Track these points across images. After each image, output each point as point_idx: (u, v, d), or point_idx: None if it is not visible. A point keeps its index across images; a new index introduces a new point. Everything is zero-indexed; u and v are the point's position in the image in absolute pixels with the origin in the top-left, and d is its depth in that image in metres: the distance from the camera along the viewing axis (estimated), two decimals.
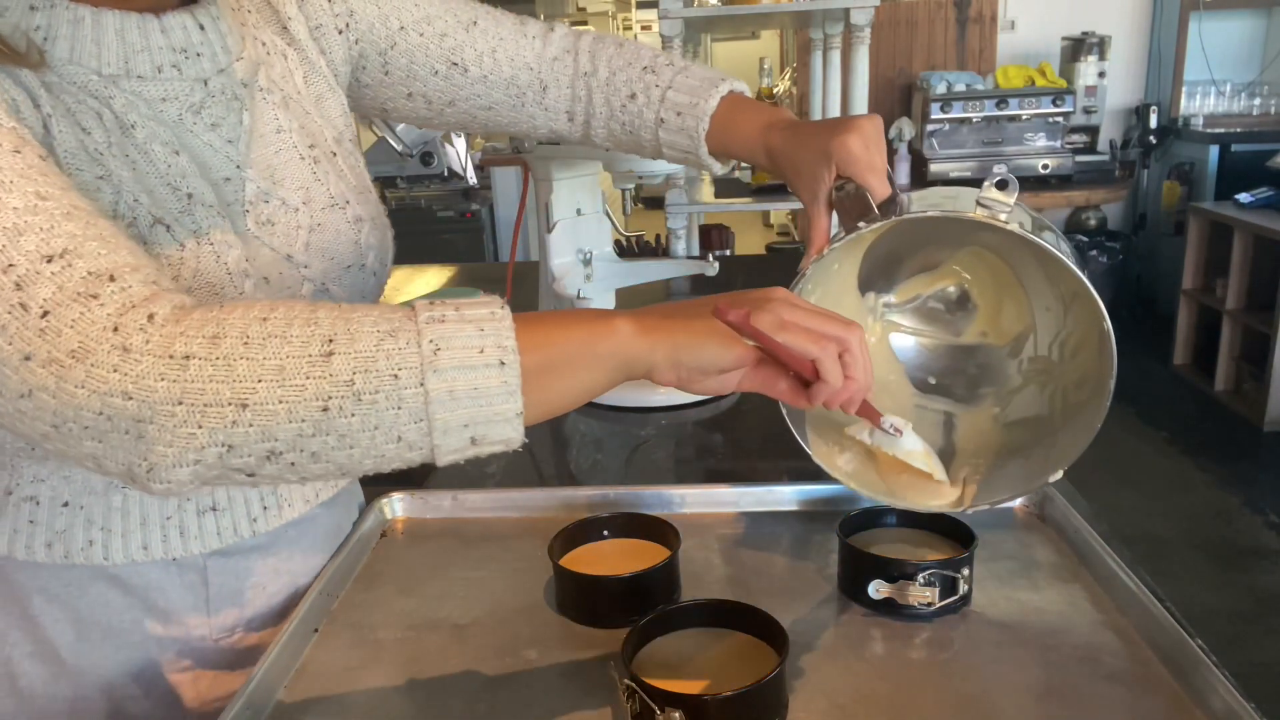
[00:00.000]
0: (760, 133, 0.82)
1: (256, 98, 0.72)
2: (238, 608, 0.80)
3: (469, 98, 0.89)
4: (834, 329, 0.61)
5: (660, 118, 0.86)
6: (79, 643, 0.75)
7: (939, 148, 4.56)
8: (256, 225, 0.69)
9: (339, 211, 0.76)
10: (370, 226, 0.79)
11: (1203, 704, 0.63)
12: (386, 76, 0.86)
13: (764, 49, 6.77)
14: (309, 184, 0.74)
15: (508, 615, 0.79)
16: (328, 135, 0.78)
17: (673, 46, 2.49)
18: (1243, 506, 3.17)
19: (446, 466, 0.56)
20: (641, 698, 0.61)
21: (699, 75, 0.86)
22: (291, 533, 0.83)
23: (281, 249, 0.71)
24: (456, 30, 0.86)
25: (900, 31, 4.94)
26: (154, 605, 0.76)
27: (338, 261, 0.75)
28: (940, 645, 0.72)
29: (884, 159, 0.76)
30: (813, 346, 0.60)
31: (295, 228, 0.72)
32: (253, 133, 0.70)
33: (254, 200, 0.70)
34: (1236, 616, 2.58)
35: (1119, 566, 0.77)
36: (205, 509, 0.75)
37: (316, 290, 0.73)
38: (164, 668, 0.78)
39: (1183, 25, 4.67)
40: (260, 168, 0.70)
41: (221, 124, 0.68)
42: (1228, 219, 3.87)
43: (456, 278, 2.33)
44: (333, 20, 0.80)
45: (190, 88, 0.66)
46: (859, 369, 0.62)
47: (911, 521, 0.84)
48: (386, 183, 4.09)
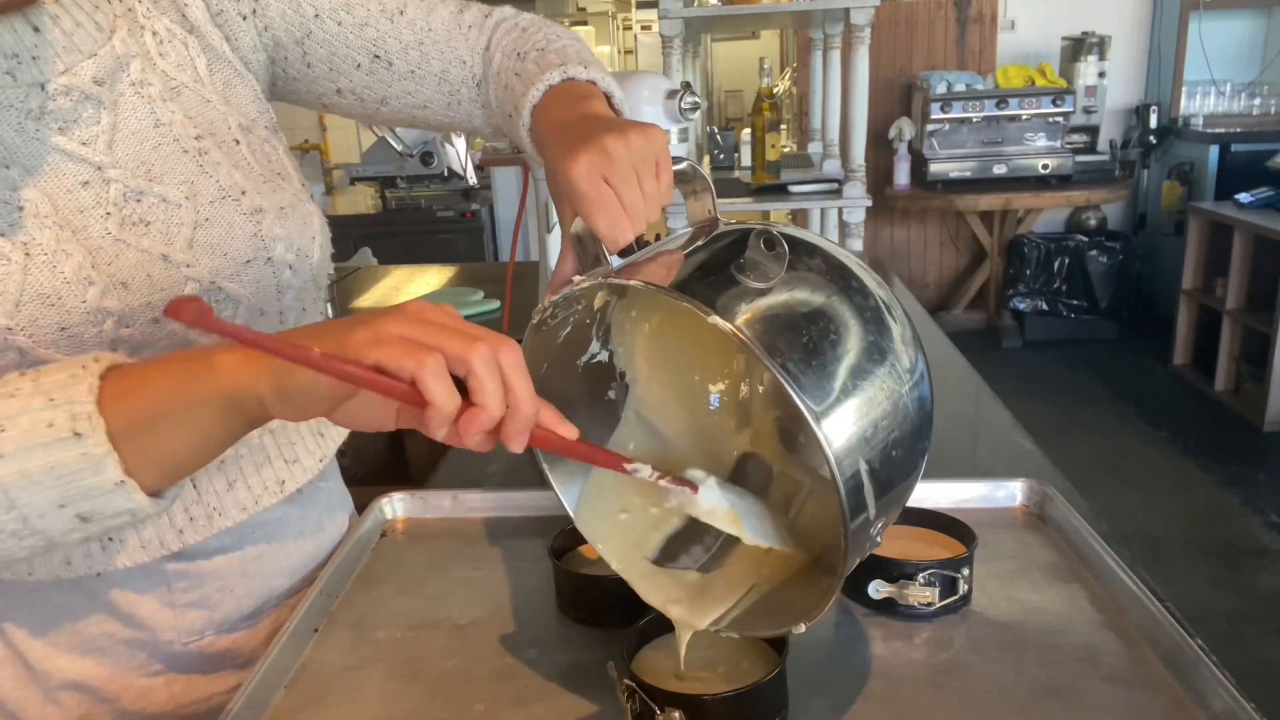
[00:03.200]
0: (544, 134, 0.72)
1: (125, 94, 0.68)
2: (204, 610, 0.77)
3: (400, 95, 0.83)
4: (444, 341, 0.49)
5: (507, 113, 0.78)
6: (46, 648, 0.74)
7: (939, 148, 4.57)
8: (121, 228, 0.66)
9: (231, 204, 0.71)
10: (274, 216, 0.73)
11: (1203, 704, 0.63)
12: (309, 70, 0.80)
13: (764, 49, 6.77)
14: (194, 177, 0.69)
15: (508, 615, 0.79)
16: (231, 123, 0.74)
17: (673, 47, 2.49)
18: (1243, 506, 3.17)
19: (448, 466, 0.56)
20: (641, 698, 0.61)
21: (537, 62, 0.77)
22: (258, 533, 0.80)
23: (155, 249, 0.67)
24: (379, 19, 0.80)
25: (900, 31, 4.94)
26: (118, 610, 0.74)
27: (232, 257, 0.70)
28: (940, 645, 0.72)
29: (631, 189, 0.60)
30: (407, 361, 0.48)
31: (177, 224, 0.68)
32: (117, 130, 0.67)
33: (120, 201, 0.66)
34: (1236, 616, 2.58)
35: (1119, 566, 0.77)
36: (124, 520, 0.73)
37: (204, 289, 0.69)
38: (134, 672, 0.76)
39: (1183, 25, 4.67)
40: (130, 166, 0.67)
41: (71, 127, 0.64)
42: (1228, 219, 3.87)
43: (456, 278, 2.33)
44: (234, 6, 0.75)
45: (25, 94, 0.62)
46: (487, 394, 0.49)
47: (911, 521, 0.84)
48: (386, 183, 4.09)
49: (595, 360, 0.70)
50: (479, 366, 0.49)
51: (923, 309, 1.91)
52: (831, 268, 0.60)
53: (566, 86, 0.74)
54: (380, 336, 0.49)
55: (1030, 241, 4.78)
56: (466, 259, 3.94)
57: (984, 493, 0.93)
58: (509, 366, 0.50)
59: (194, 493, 0.74)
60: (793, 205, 2.83)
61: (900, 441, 0.58)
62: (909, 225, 5.17)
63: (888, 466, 0.56)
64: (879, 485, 0.55)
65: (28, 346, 0.61)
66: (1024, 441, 1.18)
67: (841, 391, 0.54)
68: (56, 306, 0.62)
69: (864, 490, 0.54)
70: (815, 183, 2.82)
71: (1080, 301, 4.80)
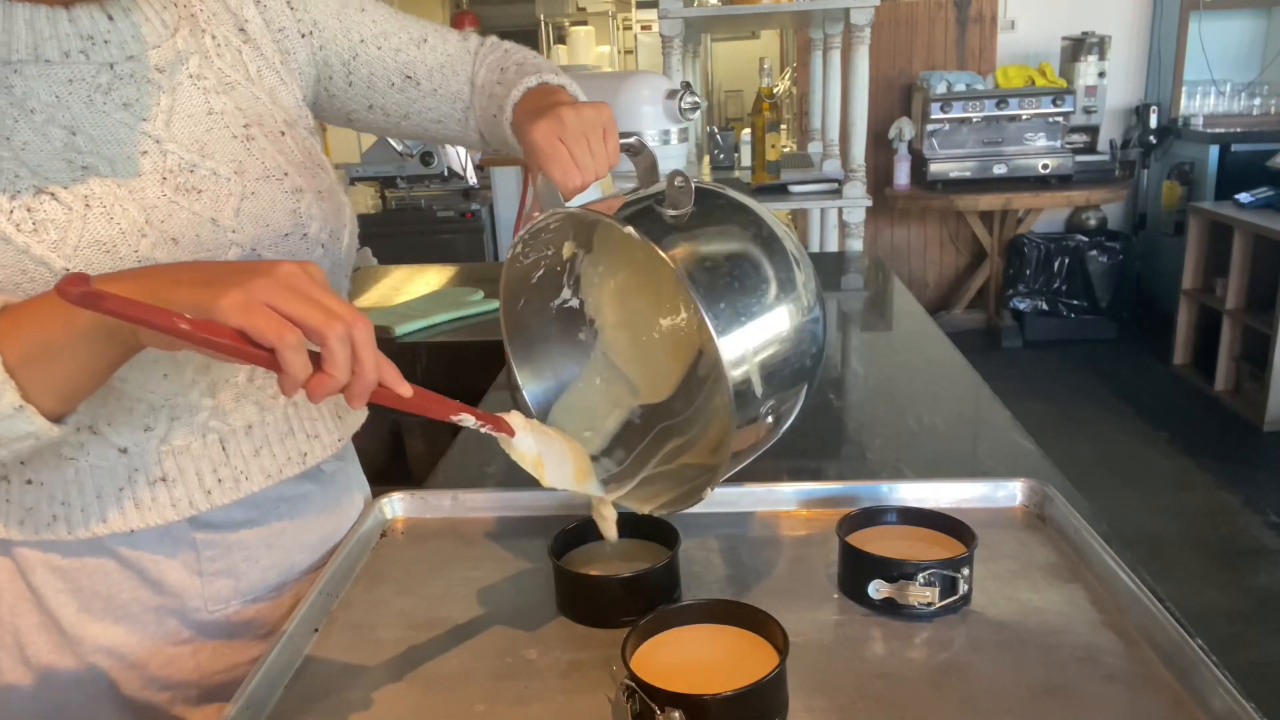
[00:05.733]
0: (519, 122, 0.86)
1: (183, 83, 0.77)
2: (231, 579, 0.83)
3: (422, 110, 0.98)
4: (307, 315, 0.56)
5: (492, 114, 0.95)
6: (80, 614, 0.78)
7: (939, 148, 4.57)
8: (175, 191, 0.74)
9: (274, 182, 0.79)
10: (312, 197, 0.82)
11: (1203, 704, 0.63)
12: (350, 88, 0.93)
13: (764, 49, 6.77)
14: (242, 158, 0.78)
15: (508, 615, 0.79)
16: (277, 118, 0.83)
17: (673, 47, 2.49)
18: (1243, 506, 3.17)
19: (448, 466, 0.57)
20: (641, 698, 0.61)
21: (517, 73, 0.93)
22: (282, 508, 0.85)
23: (205, 213, 0.75)
24: (409, 46, 0.95)
25: (900, 31, 4.94)
26: (149, 577, 0.79)
27: (273, 229, 0.79)
28: (940, 645, 0.72)
29: (581, 147, 0.77)
30: (270, 334, 0.55)
31: (226, 195, 0.76)
32: (174, 112, 0.76)
33: (175, 169, 0.74)
34: (1236, 616, 2.59)
35: (1119, 566, 0.77)
36: (155, 480, 0.77)
37: (245, 254, 0.76)
38: (163, 639, 0.81)
39: (1183, 25, 4.67)
40: (184, 142, 0.75)
41: (134, 104, 0.74)
42: (1228, 219, 3.87)
43: (456, 278, 2.33)
44: (296, 26, 0.87)
45: (96, 71, 0.72)
46: (337, 366, 0.57)
47: (911, 521, 0.84)
48: (386, 183, 4.09)
49: (567, 305, 0.87)
50: (333, 343, 0.56)
51: (923, 309, 1.90)
52: (737, 210, 0.76)
53: (541, 89, 0.91)
54: (249, 303, 0.54)
55: (1030, 241, 4.78)
56: (466, 259, 3.94)
57: (984, 493, 0.93)
58: (360, 342, 0.58)
59: (222, 455, 0.79)
60: (793, 205, 2.83)
61: (785, 342, 0.72)
62: (909, 225, 5.17)
63: (770, 357, 0.71)
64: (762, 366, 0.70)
65: None
66: (1024, 441, 1.18)
67: (728, 288, 0.69)
68: (110, 253, 0.69)
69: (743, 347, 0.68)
70: (815, 183, 2.82)
71: (1080, 301, 4.80)
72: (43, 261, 0.67)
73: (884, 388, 1.44)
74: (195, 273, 0.59)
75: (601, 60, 7.28)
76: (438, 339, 1.82)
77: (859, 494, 0.93)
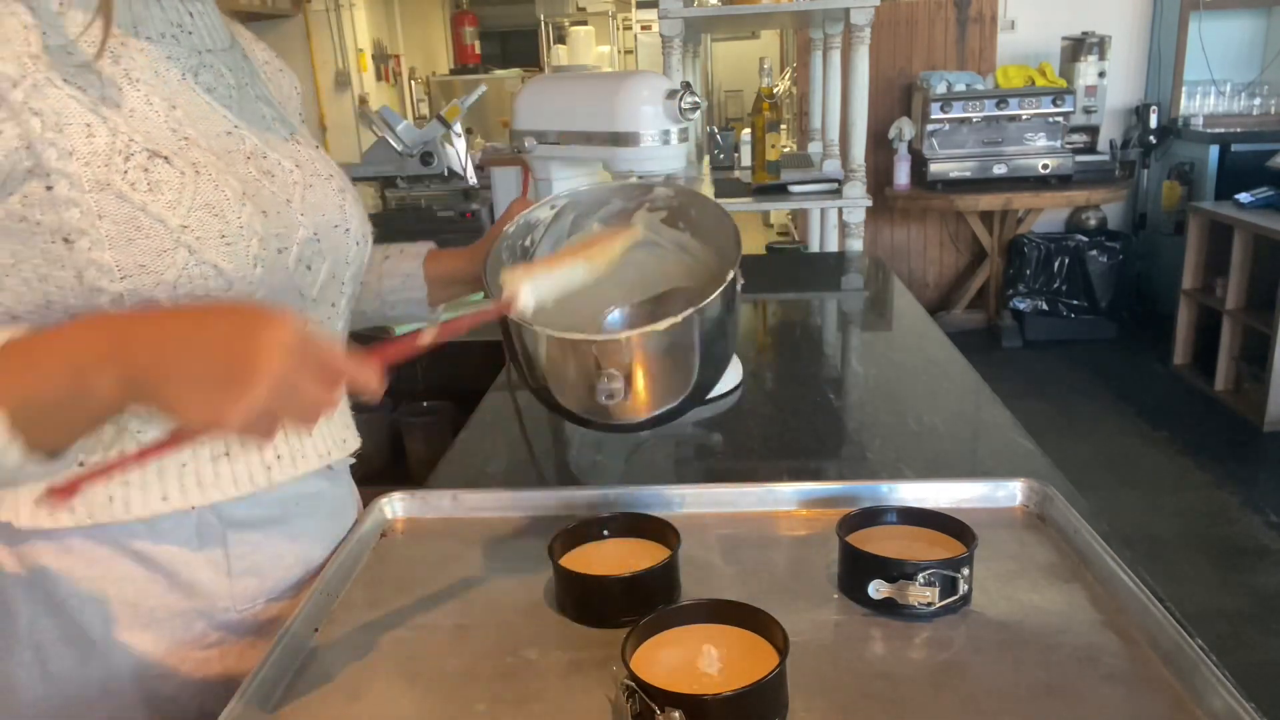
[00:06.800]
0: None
1: (244, 85, 0.83)
2: (257, 578, 0.82)
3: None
4: (297, 417, 0.61)
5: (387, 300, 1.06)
6: (108, 623, 0.77)
7: (939, 148, 4.57)
8: (258, 171, 0.79)
9: (325, 180, 0.86)
10: (352, 198, 0.89)
11: (1203, 704, 0.63)
12: None
13: (764, 49, 6.76)
14: (296, 156, 0.84)
15: (508, 615, 0.79)
16: (308, 136, 0.91)
17: (673, 47, 2.49)
18: (1243, 506, 3.17)
19: (448, 466, 0.57)
20: (641, 698, 0.61)
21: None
22: (303, 505, 0.86)
23: (281, 194, 0.80)
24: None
25: (900, 31, 4.94)
26: (177, 578, 0.78)
27: (327, 218, 0.84)
28: (940, 645, 0.72)
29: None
30: (258, 440, 0.61)
31: (292, 183, 0.81)
32: (242, 105, 0.82)
33: (252, 152, 0.79)
34: (1236, 616, 2.59)
35: (1119, 566, 0.77)
36: (219, 454, 0.78)
37: (309, 237, 0.81)
38: (191, 643, 0.80)
39: (1183, 25, 4.68)
40: (254, 130, 0.81)
41: (216, 88, 0.79)
42: (1228, 219, 3.87)
43: None
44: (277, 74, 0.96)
45: (188, 53, 0.78)
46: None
47: (912, 521, 0.84)
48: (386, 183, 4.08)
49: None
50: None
51: (923, 309, 1.90)
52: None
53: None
54: (250, 422, 0.58)
55: (1030, 241, 4.78)
56: None
57: (984, 493, 0.94)
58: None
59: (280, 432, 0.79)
60: (793, 205, 2.83)
61: None
62: (909, 225, 5.17)
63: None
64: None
65: (195, 246, 0.71)
66: (1024, 441, 1.18)
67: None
68: (219, 216, 0.72)
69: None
70: (815, 183, 2.82)
71: (1080, 301, 4.80)
72: (159, 219, 0.69)
73: (884, 388, 1.44)
74: (208, 360, 0.60)
75: (601, 60, 7.28)
76: None
77: (859, 494, 0.93)
